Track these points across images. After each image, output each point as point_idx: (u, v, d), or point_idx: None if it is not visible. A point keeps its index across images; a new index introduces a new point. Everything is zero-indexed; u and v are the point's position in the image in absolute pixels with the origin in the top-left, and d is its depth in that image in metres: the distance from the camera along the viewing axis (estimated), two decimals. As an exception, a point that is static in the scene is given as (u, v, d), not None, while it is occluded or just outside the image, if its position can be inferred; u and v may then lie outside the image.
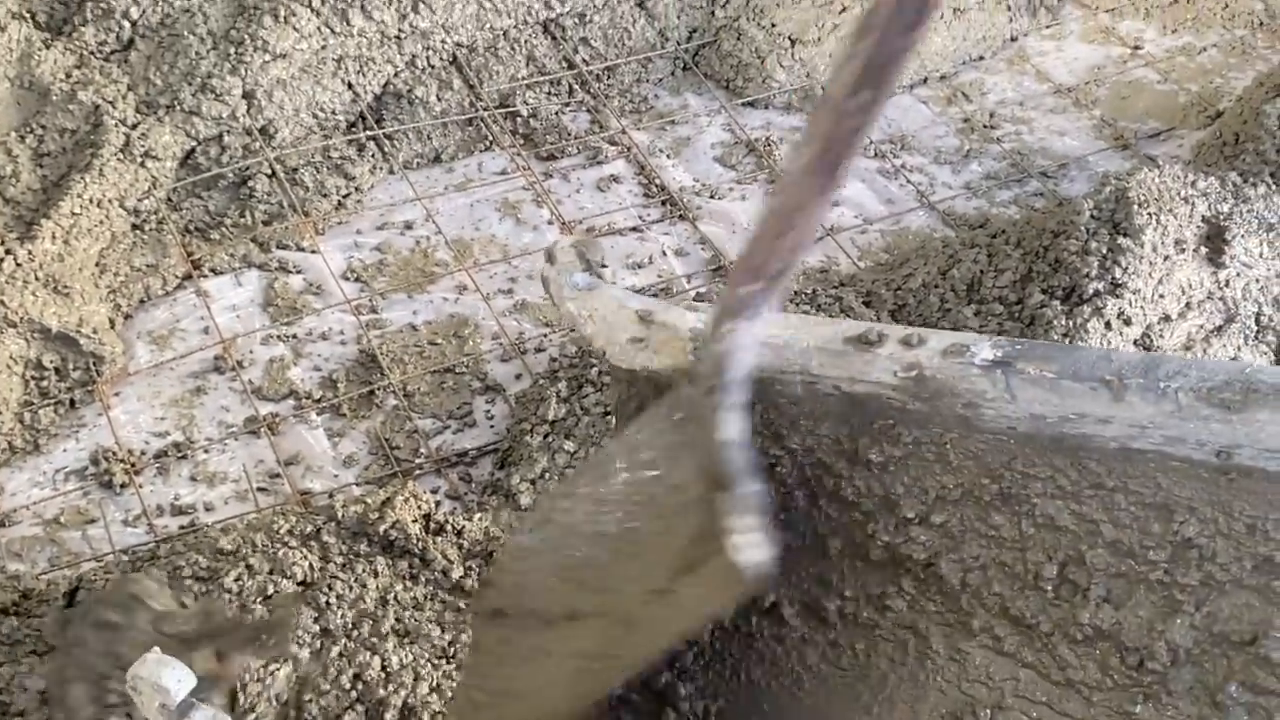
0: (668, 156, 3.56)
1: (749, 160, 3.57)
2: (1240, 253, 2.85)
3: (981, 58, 3.97)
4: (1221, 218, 2.88)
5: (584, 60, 3.72)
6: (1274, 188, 3.02)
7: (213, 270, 3.12)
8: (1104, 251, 2.74)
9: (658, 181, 3.47)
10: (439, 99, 3.51)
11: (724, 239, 3.31)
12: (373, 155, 3.42)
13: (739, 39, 3.76)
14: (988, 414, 1.33)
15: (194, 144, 3.24)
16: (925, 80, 3.86)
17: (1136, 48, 4.06)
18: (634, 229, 3.34)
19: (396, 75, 3.51)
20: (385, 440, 2.78)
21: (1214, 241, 2.87)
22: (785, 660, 1.49)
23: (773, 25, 3.75)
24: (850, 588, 1.41)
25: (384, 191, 3.39)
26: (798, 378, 1.41)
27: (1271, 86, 3.30)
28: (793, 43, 3.73)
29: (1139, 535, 1.29)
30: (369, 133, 3.44)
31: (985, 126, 3.72)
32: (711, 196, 3.44)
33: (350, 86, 3.44)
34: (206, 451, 2.76)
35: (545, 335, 3.02)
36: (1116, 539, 1.30)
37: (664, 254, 3.27)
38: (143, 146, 3.11)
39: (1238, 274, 2.83)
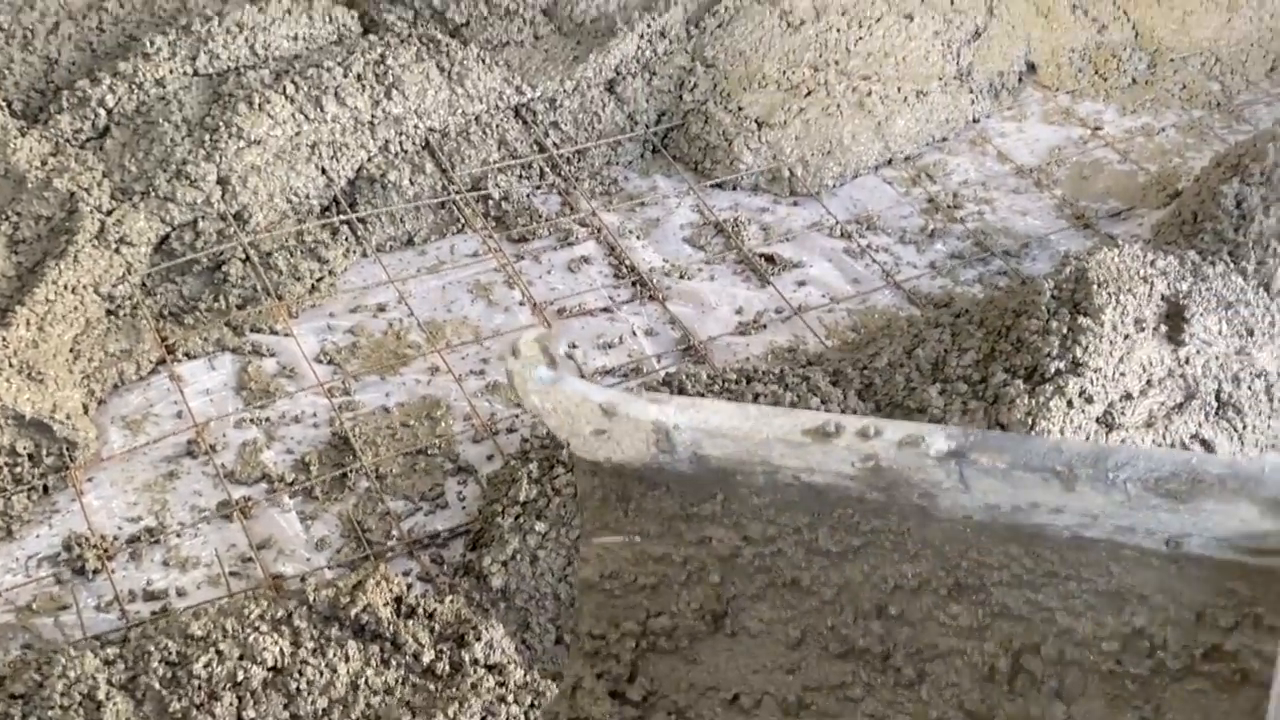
0: (637, 237, 3.61)
1: (718, 241, 3.62)
2: (1199, 330, 2.89)
3: (944, 139, 4.05)
4: (1181, 296, 2.92)
5: (554, 144, 3.78)
6: (1232, 266, 3.08)
7: (186, 354, 3.14)
8: (1064, 331, 2.78)
9: (628, 262, 3.51)
10: (412, 183, 3.55)
11: (693, 319, 3.35)
12: (346, 239, 3.45)
13: (707, 122, 3.83)
14: (943, 504, 1.37)
15: (168, 230, 3.27)
16: (890, 161, 3.93)
17: (1096, 129, 4.14)
18: (604, 309, 3.37)
19: (370, 160, 3.56)
20: (357, 523, 2.79)
21: (1173, 320, 2.91)
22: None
23: (739, 109, 3.82)
24: (812, 677, 1.43)
25: (357, 274, 3.42)
26: (759, 468, 1.44)
27: (1228, 166, 3.36)
28: (759, 125, 3.80)
29: (1092, 625, 1.32)
30: (342, 217, 3.48)
31: (949, 206, 3.78)
32: (681, 277, 3.48)
33: (324, 171, 3.48)
34: (179, 536, 2.76)
35: (517, 416, 3.05)
36: (1070, 627, 1.33)
37: (634, 334, 3.30)
38: (117, 233, 3.14)
39: (1197, 351, 2.87)
